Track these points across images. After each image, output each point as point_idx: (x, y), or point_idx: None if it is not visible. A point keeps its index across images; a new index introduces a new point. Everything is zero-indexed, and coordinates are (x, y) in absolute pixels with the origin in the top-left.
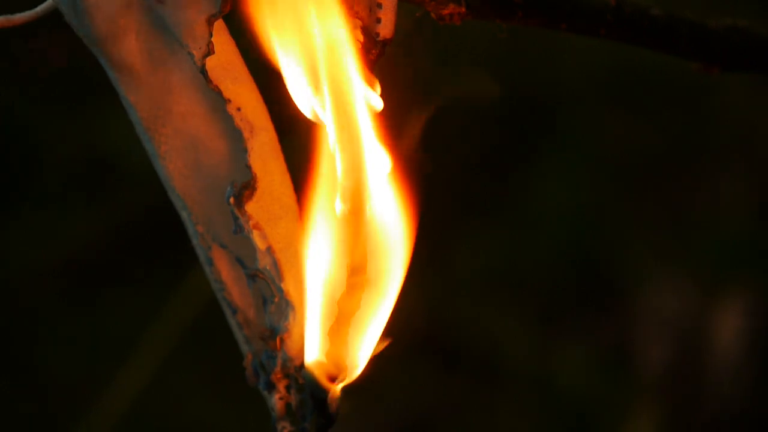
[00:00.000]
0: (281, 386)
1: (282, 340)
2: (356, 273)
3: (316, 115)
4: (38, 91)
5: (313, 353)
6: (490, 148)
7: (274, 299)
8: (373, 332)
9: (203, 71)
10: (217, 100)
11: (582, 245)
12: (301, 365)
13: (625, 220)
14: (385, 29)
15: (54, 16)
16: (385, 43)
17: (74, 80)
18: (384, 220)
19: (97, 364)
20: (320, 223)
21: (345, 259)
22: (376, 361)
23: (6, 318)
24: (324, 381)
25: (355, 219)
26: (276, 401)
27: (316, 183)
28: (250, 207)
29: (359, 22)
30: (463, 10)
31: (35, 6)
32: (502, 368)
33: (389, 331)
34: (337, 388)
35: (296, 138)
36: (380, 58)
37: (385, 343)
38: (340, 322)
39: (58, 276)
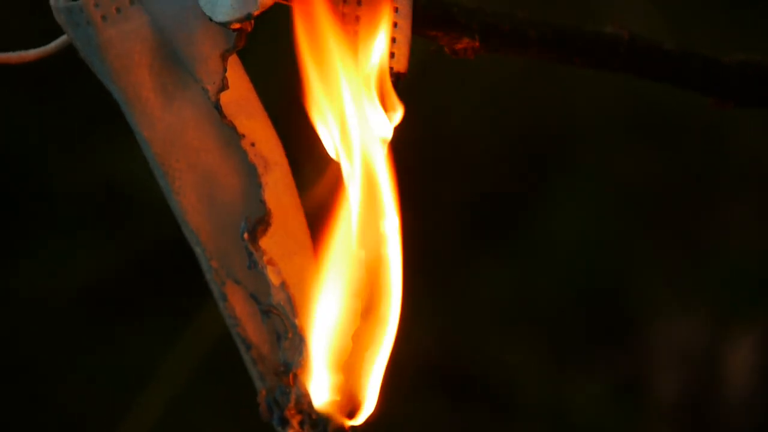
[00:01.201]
0: (295, 422)
1: (296, 376)
2: (372, 307)
3: (337, 156)
4: (54, 121)
5: (324, 391)
6: (503, 180)
7: (288, 335)
8: (381, 365)
9: (217, 106)
10: (231, 136)
11: (595, 277)
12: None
13: (639, 252)
14: (399, 64)
15: (68, 51)
16: (399, 76)
17: (90, 110)
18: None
19: (112, 395)
20: (334, 258)
21: (359, 293)
22: (387, 394)
23: (21, 348)
24: (339, 417)
25: (369, 251)
26: None
27: (331, 219)
28: (264, 242)
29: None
30: (477, 44)
31: (49, 41)
32: (515, 401)
33: (401, 363)
34: (354, 423)
35: (310, 173)
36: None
37: (390, 375)
38: (356, 357)
39: (74, 307)
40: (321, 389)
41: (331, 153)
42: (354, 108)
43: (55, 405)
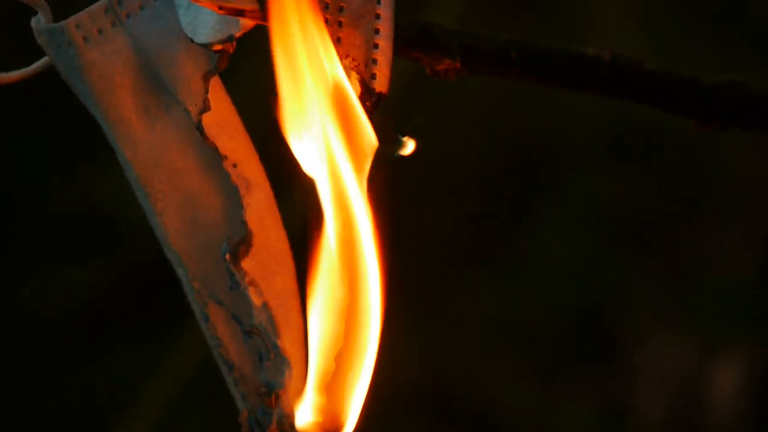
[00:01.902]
0: None
1: (278, 397)
2: (354, 327)
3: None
4: (39, 144)
5: (306, 412)
6: (490, 200)
7: (270, 356)
8: (364, 385)
9: (199, 127)
10: (213, 157)
11: (582, 298)
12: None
13: (626, 273)
14: (380, 85)
15: (49, 72)
16: (380, 96)
17: (74, 132)
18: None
19: (96, 416)
20: (317, 279)
21: (341, 313)
22: (372, 413)
23: (7, 370)
24: None
25: (351, 272)
26: None
27: (315, 241)
28: (246, 263)
29: (357, 75)
30: (458, 65)
31: (30, 63)
32: (500, 421)
33: (386, 383)
34: None
35: (293, 194)
36: (375, 111)
37: (375, 395)
38: (339, 378)
39: (59, 329)
40: (303, 410)
41: (309, 172)
42: (328, 128)
43: (41, 425)
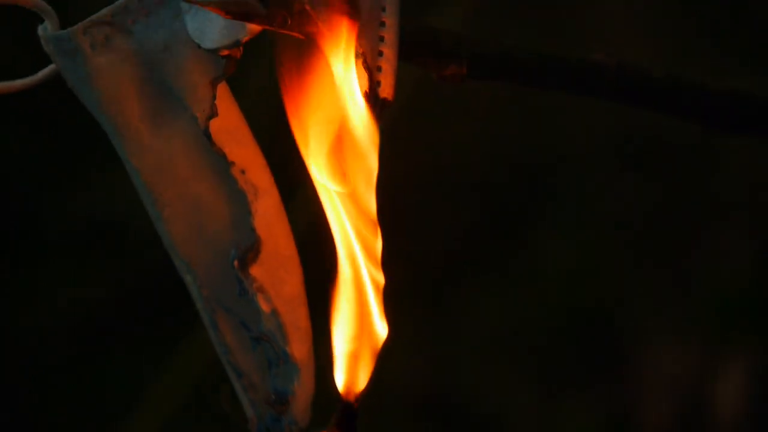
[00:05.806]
0: None
1: (288, 404)
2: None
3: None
4: (43, 150)
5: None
6: (492, 209)
7: (279, 362)
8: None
9: (207, 133)
10: (220, 163)
11: (585, 306)
12: (307, 428)
13: (629, 280)
14: (385, 92)
15: (56, 80)
16: (385, 103)
17: (80, 139)
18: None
19: (102, 423)
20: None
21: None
22: (377, 421)
23: (13, 376)
24: None
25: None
26: None
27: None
28: (255, 270)
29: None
30: (464, 71)
31: (36, 71)
32: (504, 430)
33: (390, 391)
34: None
35: (301, 201)
36: (380, 119)
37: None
38: (354, 371)
39: (65, 336)
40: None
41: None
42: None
43: (47, 427)
